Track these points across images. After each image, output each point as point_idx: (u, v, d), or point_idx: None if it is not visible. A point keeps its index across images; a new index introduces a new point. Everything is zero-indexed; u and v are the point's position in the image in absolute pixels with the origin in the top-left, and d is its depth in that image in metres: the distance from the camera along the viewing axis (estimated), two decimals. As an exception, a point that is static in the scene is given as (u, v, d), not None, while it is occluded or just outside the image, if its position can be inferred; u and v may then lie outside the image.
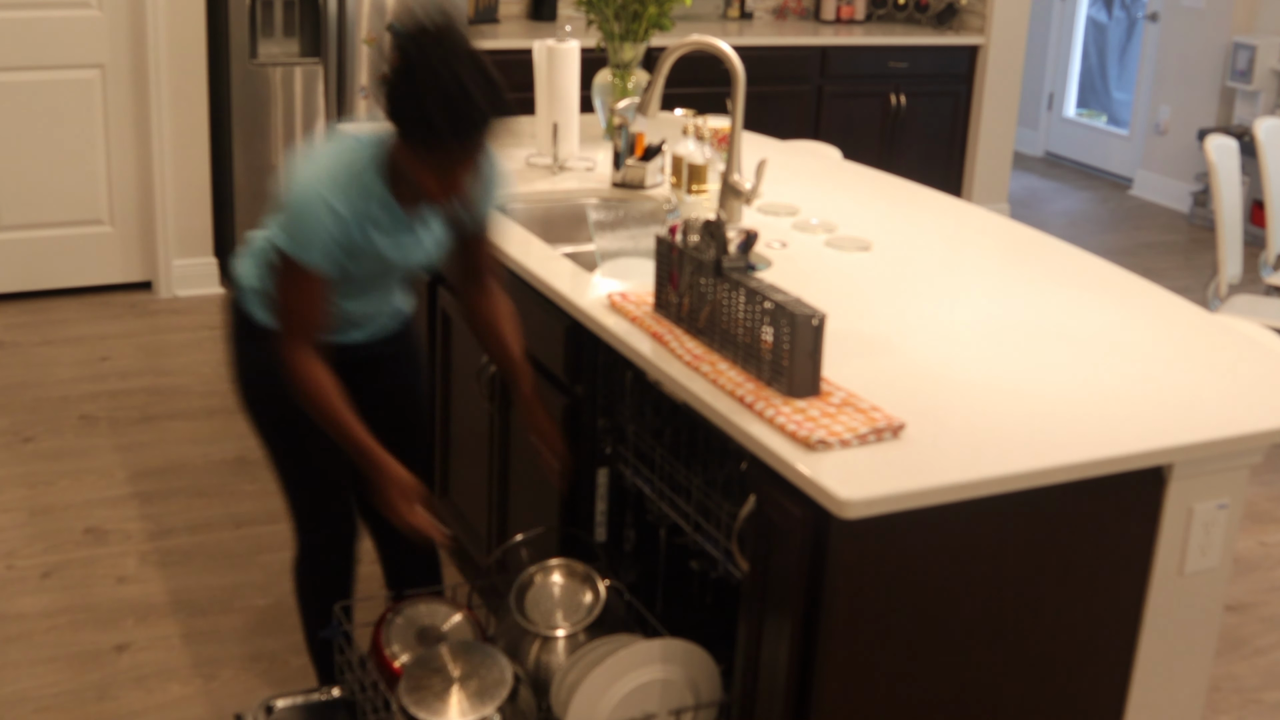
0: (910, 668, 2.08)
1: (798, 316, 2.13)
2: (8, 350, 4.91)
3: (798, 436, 2.04)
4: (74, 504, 3.87)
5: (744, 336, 2.26)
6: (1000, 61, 6.76)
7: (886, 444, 2.05)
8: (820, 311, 2.15)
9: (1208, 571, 2.30)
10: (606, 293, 2.64)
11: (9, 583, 3.47)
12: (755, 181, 3.07)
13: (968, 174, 6.91)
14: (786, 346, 2.15)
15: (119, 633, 3.29)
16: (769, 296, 2.19)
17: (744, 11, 6.89)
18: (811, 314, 2.14)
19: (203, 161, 5.47)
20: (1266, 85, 7.21)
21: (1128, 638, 2.26)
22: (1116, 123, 8.79)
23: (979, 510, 2.02)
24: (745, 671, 2.18)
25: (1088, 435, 2.13)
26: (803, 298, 2.21)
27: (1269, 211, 4.82)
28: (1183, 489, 2.21)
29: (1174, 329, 2.65)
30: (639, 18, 3.80)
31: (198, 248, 5.55)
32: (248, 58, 5.31)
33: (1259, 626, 3.60)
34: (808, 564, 2.00)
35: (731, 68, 3.06)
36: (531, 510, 3.01)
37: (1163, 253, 7.00)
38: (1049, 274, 2.94)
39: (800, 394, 2.16)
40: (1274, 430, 2.23)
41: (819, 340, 2.15)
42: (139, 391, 4.62)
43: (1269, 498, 4.31)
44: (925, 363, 2.38)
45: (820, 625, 2.02)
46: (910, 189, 3.61)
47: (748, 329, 2.25)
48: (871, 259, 2.95)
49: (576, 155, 3.67)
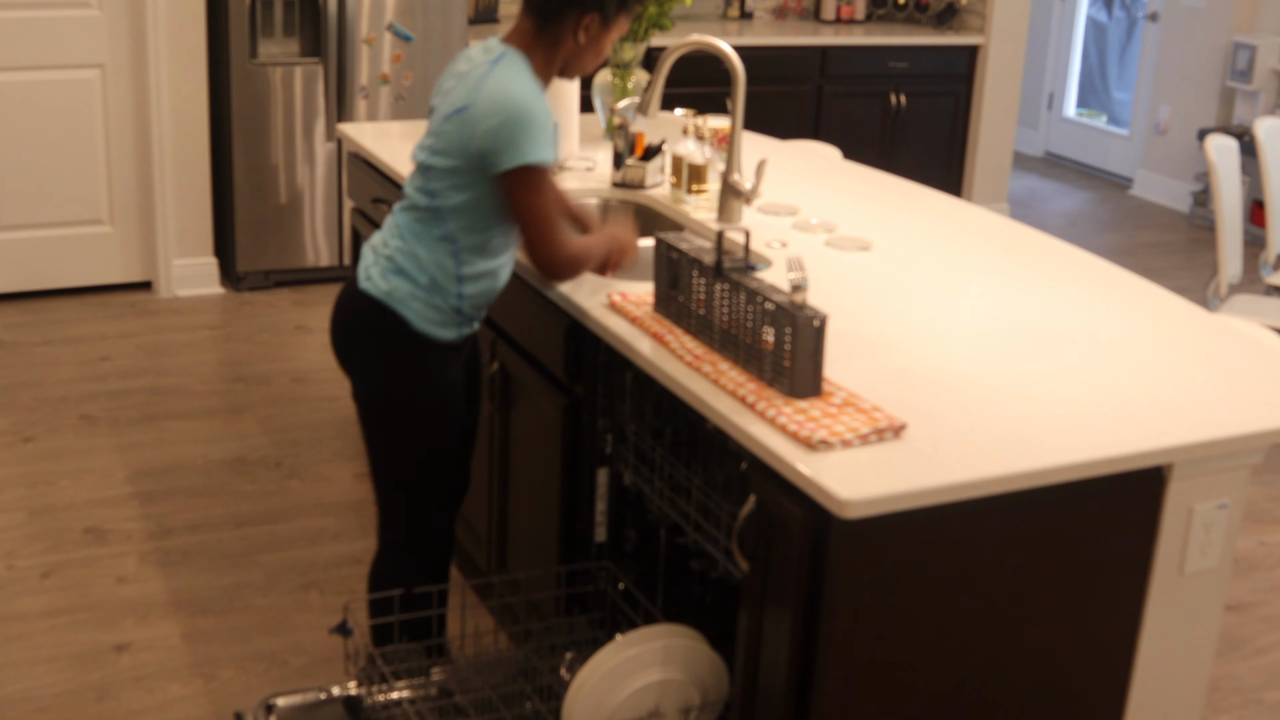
0: (910, 667, 2.08)
1: (799, 318, 2.13)
2: (8, 350, 4.92)
3: (799, 437, 2.04)
4: (74, 504, 3.87)
5: (745, 337, 2.26)
6: (1000, 61, 6.76)
7: (887, 444, 2.05)
8: (822, 312, 2.15)
9: (1208, 571, 2.30)
10: (606, 293, 2.65)
11: (9, 583, 3.47)
12: (755, 181, 3.07)
13: (968, 174, 6.91)
14: (788, 347, 2.15)
15: (119, 633, 3.29)
16: (770, 297, 2.19)
17: (744, 11, 6.89)
18: (813, 315, 2.14)
19: (203, 161, 5.47)
20: (1266, 85, 7.21)
21: (1128, 638, 2.26)
22: (1116, 123, 8.80)
23: (979, 510, 2.02)
24: (745, 671, 2.18)
25: (1088, 435, 2.13)
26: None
27: (1269, 211, 4.82)
28: (1183, 489, 2.21)
29: (1174, 329, 2.65)
30: (639, 18, 3.80)
31: (198, 248, 5.55)
32: (248, 58, 5.31)
33: (1259, 626, 3.60)
34: (808, 564, 2.00)
35: (731, 68, 3.06)
36: (531, 510, 3.01)
37: (1163, 253, 7.00)
38: (1049, 274, 2.94)
39: (802, 394, 2.16)
40: (1274, 430, 2.23)
41: (820, 341, 2.15)
42: (139, 391, 4.62)
43: (1269, 498, 4.31)
44: (925, 363, 2.38)
45: (820, 625, 2.02)
46: (910, 189, 3.61)
47: (748, 330, 2.25)
48: (871, 259, 2.95)
49: (577, 155, 3.67)
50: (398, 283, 2.56)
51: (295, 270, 5.66)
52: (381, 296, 2.57)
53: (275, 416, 4.46)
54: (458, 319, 2.61)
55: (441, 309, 2.58)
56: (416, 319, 2.57)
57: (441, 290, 2.56)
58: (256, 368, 4.86)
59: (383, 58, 5.52)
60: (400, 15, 5.50)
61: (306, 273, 5.67)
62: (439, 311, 2.58)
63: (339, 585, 3.49)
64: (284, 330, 5.21)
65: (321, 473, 4.11)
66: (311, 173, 5.54)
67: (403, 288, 2.56)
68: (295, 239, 5.60)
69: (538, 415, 2.90)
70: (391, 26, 5.50)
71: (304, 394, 4.63)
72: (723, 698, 2.32)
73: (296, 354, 4.97)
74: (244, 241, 5.54)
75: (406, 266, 2.56)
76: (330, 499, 3.95)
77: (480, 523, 3.26)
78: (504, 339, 3.02)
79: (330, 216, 5.62)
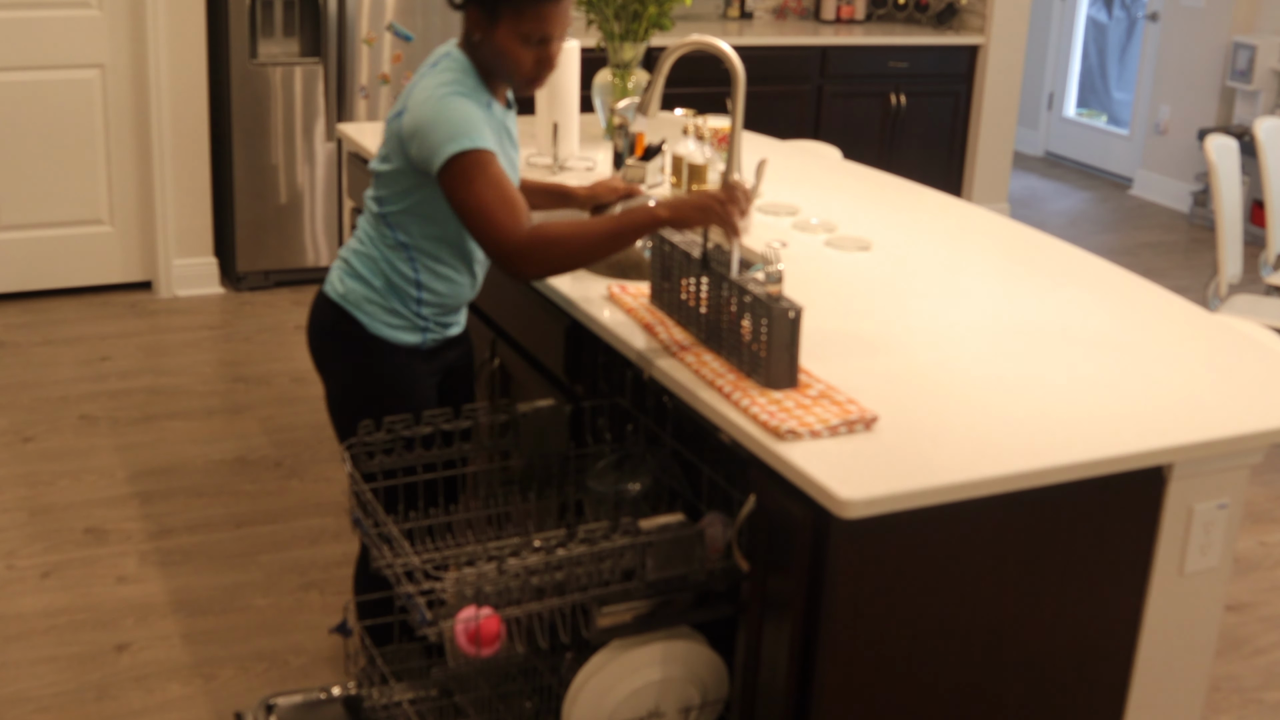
0: (910, 667, 2.08)
1: (774, 309, 2.14)
2: (8, 350, 4.92)
3: (768, 426, 2.06)
4: (74, 504, 3.88)
5: (727, 328, 2.28)
6: (1000, 61, 6.77)
7: (887, 444, 2.05)
8: (797, 304, 2.15)
9: (1208, 571, 2.30)
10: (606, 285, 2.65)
11: (9, 583, 3.47)
12: (755, 181, 3.07)
13: (968, 174, 6.91)
14: (764, 338, 2.16)
15: (119, 633, 3.29)
16: (748, 289, 2.20)
17: (744, 11, 6.89)
18: (789, 307, 2.14)
19: (203, 161, 5.47)
20: (1266, 85, 7.21)
21: (1128, 638, 2.26)
22: (1116, 122, 8.79)
23: (979, 510, 2.02)
24: (745, 671, 2.18)
25: (1088, 435, 2.13)
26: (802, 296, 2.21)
27: (1269, 211, 4.82)
28: (1183, 489, 2.21)
29: (1174, 329, 2.65)
30: (639, 17, 3.80)
31: (198, 248, 5.55)
32: (248, 58, 5.32)
33: (1259, 626, 3.60)
34: (808, 564, 2.00)
35: (731, 68, 3.06)
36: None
37: (1163, 253, 7.00)
38: (1049, 274, 2.94)
39: (778, 385, 2.17)
40: (1274, 430, 2.23)
41: (796, 332, 2.16)
42: (139, 391, 4.62)
43: (1269, 498, 4.31)
44: (925, 363, 2.38)
45: (820, 625, 2.02)
46: (910, 189, 3.61)
47: (731, 321, 2.27)
48: (871, 259, 2.95)
49: (576, 155, 3.67)
50: (354, 285, 2.56)
51: (295, 270, 5.66)
52: (338, 299, 2.57)
53: (275, 416, 4.46)
54: (421, 323, 2.59)
55: (400, 314, 2.56)
56: (373, 322, 2.55)
57: (399, 295, 2.55)
58: (256, 368, 4.86)
59: (383, 58, 5.52)
60: (400, 15, 5.50)
61: (306, 273, 5.67)
62: (398, 316, 2.56)
63: (339, 585, 3.49)
64: (284, 330, 5.21)
65: (321, 473, 4.11)
66: (311, 173, 5.54)
67: (358, 290, 2.56)
68: (295, 239, 5.60)
69: (538, 415, 2.90)
70: (391, 26, 5.50)
71: (304, 394, 4.63)
72: (723, 697, 2.32)
73: (296, 354, 4.96)
74: (244, 241, 5.54)
75: (362, 270, 2.56)
76: (330, 499, 3.95)
77: (480, 523, 3.26)
78: (504, 338, 3.02)
79: (330, 216, 5.62)
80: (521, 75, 2.48)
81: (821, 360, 2.32)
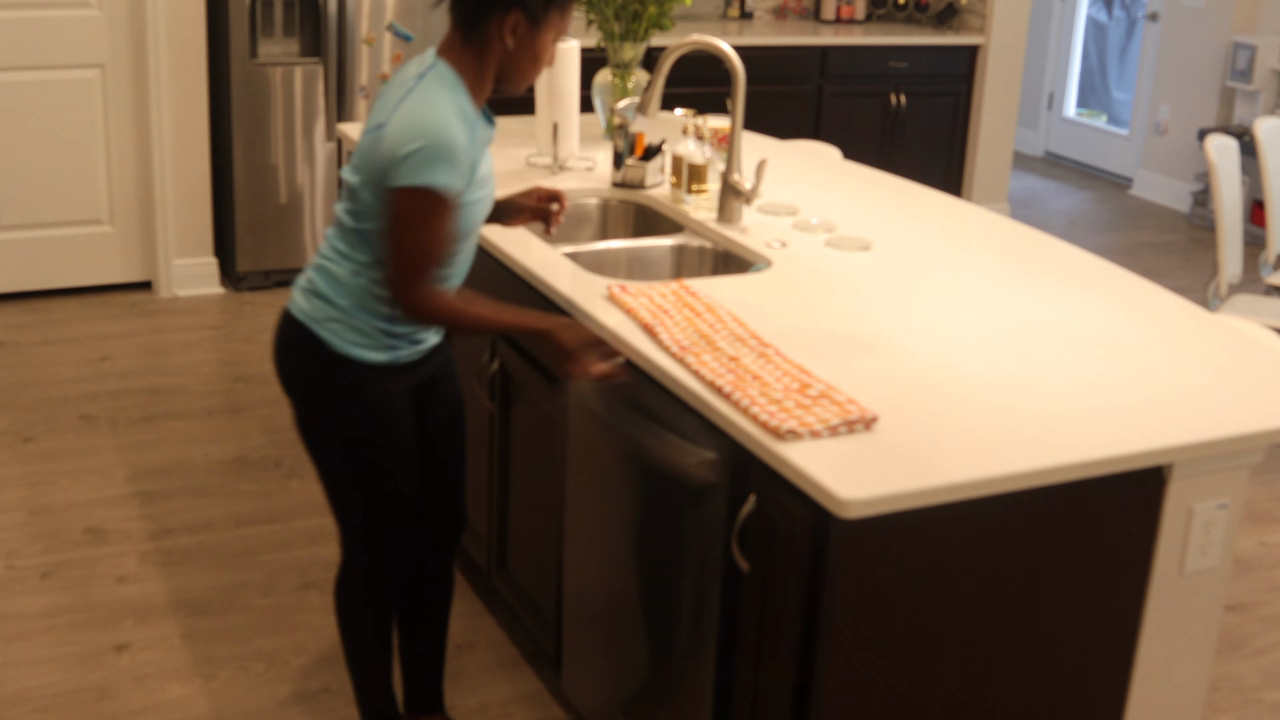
0: (910, 667, 2.08)
1: None
2: (8, 350, 4.92)
3: (768, 426, 2.06)
4: (74, 504, 3.87)
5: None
6: (1000, 61, 6.76)
7: (887, 445, 2.06)
8: None
9: (1208, 571, 2.30)
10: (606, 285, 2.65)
11: (9, 583, 3.47)
12: (755, 181, 3.07)
13: (968, 174, 6.91)
14: None
15: (119, 633, 3.29)
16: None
17: (744, 11, 6.89)
18: None
19: (203, 161, 5.47)
20: (1266, 85, 7.21)
21: (1128, 638, 2.26)
22: (1116, 122, 8.79)
23: (979, 510, 2.02)
24: (746, 670, 2.18)
25: (1088, 435, 2.13)
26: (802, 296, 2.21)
27: (1269, 211, 4.82)
28: (1183, 489, 2.21)
29: (1174, 329, 2.65)
30: (639, 17, 3.80)
31: (198, 248, 5.55)
32: (248, 58, 5.31)
33: (1259, 626, 3.60)
34: (808, 564, 2.01)
35: (731, 68, 3.07)
36: (532, 510, 3.01)
37: (1163, 253, 7.00)
38: (1049, 274, 2.94)
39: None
40: (1274, 430, 2.23)
41: None
42: (139, 391, 4.62)
43: (1269, 498, 4.31)
44: (925, 363, 2.38)
45: (820, 625, 2.02)
46: (910, 189, 3.62)
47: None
48: (871, 259, 2.95)
49: (576, 155, 3.67)
50: (316, 304, 2.47)
51: (295, 270, 5.65)
52: (300, 317, 2.49)
53: (275, 416, 4.46)
54: (389, 340, 2.49)
55: (365, 331, 2.47)
56: (337, 340, 2.46)
57: (366, 311, 2.46)
58: (256, 368, 4.86)
59: (383, 58, 5.52)
60: (400, 15, 5.50)
61: (306, 273, 5.66)
62: (362, 334, 2.47)
63: (339, 585, 3.49)
64: (284, 330, 5.20)
65: (321, 473, 4.10)
66: (311, 173, 5.54)
67: (321, 309, 2.47)
68: (295, 239, 5.60)
69: (538, 415, 2.90)
70: (391, 26, 5.50)
71: (304, 394, 4.63)
72: None
73: (296, 354, 4.96)
74: (244, 241, 5.54)
75: (324, 288, 2.47)
76: (330, 499, 3.95)
77: (480, 523, 3.26)
78: (504, 338, 3.02)
79: (330, 216, 5.61)
80: (535, 76, 2.47)
81: (821, 360, 2.32)
